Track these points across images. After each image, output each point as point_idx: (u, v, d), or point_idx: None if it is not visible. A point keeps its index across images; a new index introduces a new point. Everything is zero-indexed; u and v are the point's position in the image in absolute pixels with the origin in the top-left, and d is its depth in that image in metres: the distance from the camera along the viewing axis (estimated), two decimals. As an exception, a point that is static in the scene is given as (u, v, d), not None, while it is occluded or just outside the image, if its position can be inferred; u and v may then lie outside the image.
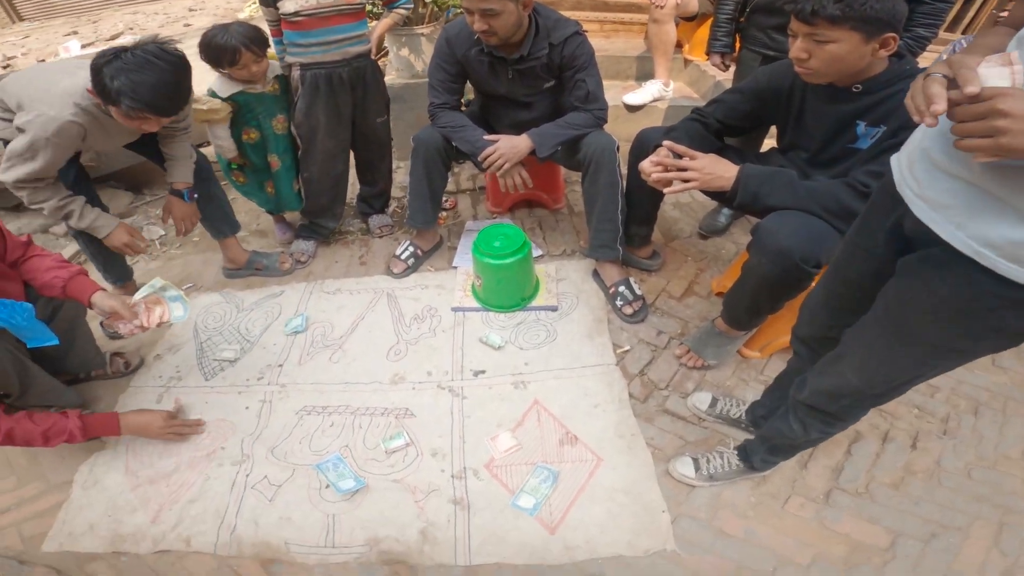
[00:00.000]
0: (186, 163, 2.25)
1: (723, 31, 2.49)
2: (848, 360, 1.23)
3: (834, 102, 1.67)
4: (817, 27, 1.45)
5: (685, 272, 2.55)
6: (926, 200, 0.92)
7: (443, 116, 2.33)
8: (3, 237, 1.71)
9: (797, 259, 1.57)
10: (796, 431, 1.45)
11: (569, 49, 2.15)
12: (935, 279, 0.97)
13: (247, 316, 2.50)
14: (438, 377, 2.16)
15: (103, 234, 2.08)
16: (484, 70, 2.25)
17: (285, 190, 2.64)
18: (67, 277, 1.74)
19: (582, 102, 2.24)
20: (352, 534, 1.72)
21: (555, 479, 1.80)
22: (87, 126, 1.82)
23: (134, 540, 1.74)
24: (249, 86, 2.30)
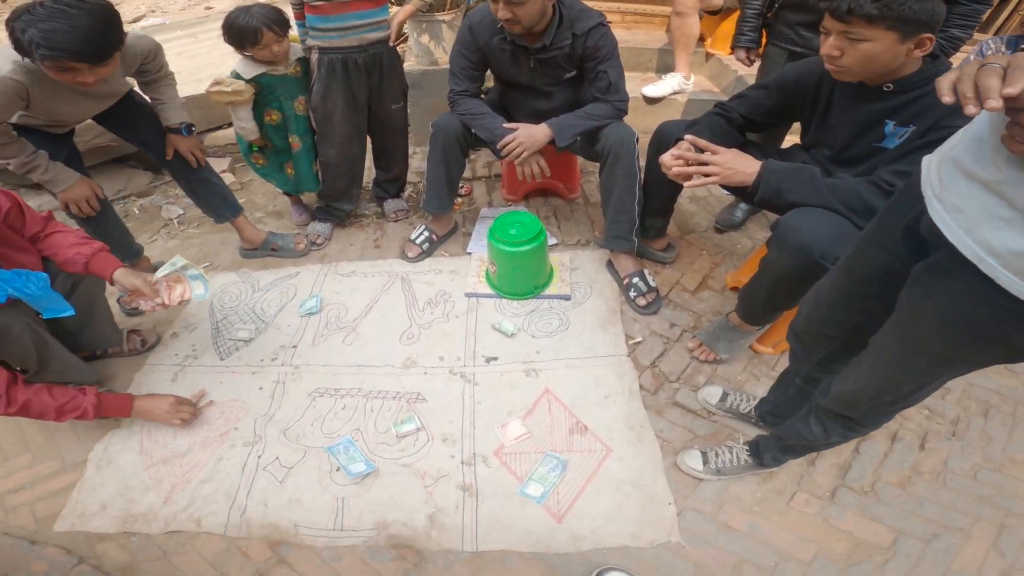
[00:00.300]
0: (175, 104, 2.21)
1: (750, 26, 2.44)
2: (864, 365, 1.22)
3: (863, 100, 1.63)
4: (852, 25, 1.42)
5: (699, 266, 2.52)
6: (943, 201, 0.91)
7: (463, 103, 2.31)
8: (22, 212, 1.71)
9: (817, 256, 1.54)
10: (816, 434, 1.44)
11: (592, 40, 2.12)
12: (938, 288, 0.96)
13: (263, 296, 2.49)
14: (450, 362, 2.15)
15: (62, 187, 2.05)
16: (505, 58, 2.22)
17: (304, 170, 2.63)
18: (90, 253, 1.73)
19: (603, 93, 2.21)
20: (361, 518, 1.72)
21: (564, 468, 1.79)
22: (28, 84, 1.75)
23: (145, 520, 1.74)
24: (271, 68, 2.29)
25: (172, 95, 2.22)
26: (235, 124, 2.41)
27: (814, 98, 1.79)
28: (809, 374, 1.54)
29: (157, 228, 2.99)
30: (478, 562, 1.62)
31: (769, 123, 1.97)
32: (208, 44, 3.86)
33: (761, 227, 2.72)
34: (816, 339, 1.42)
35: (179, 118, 2.23)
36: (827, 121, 1.78)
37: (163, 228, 3.00)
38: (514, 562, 1.61)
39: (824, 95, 1.75)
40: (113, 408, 1.83)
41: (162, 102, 2.20)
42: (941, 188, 0.91)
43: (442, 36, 3.24)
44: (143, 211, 3.11)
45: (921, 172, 1.00)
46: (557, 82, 2.30)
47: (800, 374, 1.58)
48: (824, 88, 1.74)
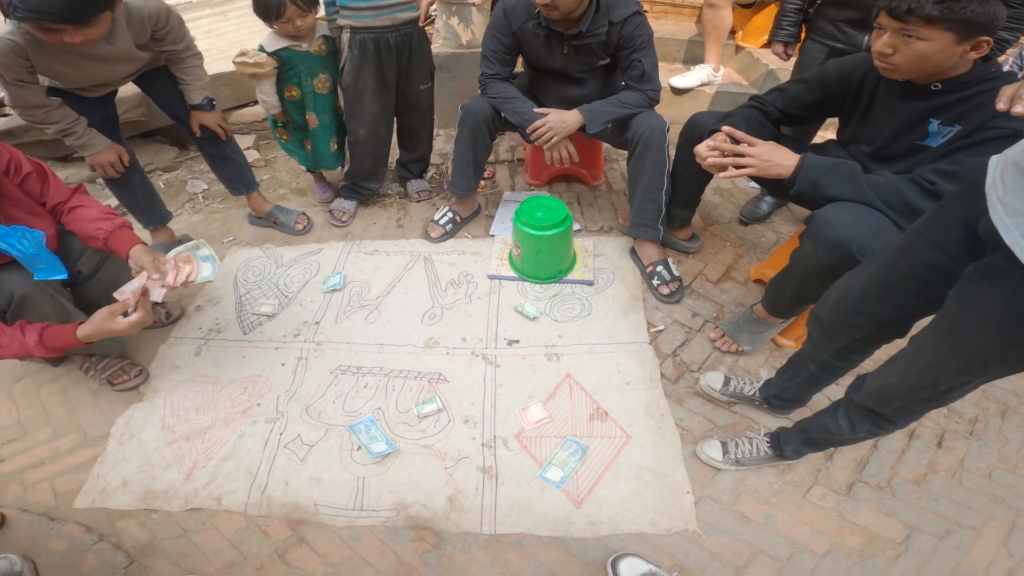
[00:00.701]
0: (198, 85, 2.22)
1: (790, 20, 2.37)
2: (902, 361, 1.20)
3: (909, 98, 1.59)
4: (910, 24, 1.38)
5: (723, 257, 2.47)
6: (1004, 204, 0.90)
7: (494, 86, 2.27)
8: (45, 179, 1.71)
9: (854, 250, 1.51)
10: (843, 429, 1.42)
11: (628, 28, 2.08)
12: (989, 289, 0.96)
13: (286, 272, 2.47)
14: (472, 344, 2.12)
15: (91, 151, 2.06)
16: (539, 43, 2.18)
17: (322, 148, 2.60)
18: (110, 229, 1.71)
19: (636, 82, 2.18)
20: (380, 498, 1.70)
21: (584, 453, 1.77)
22: (25, 45, 1.73)
23: (166, 497, 1.72)
24: (294, 43, 2.28)
25: (197, 76, 2.21)
26: (258, 97, 2.41)
27: (856, 94, 1.75)
28: (827, 361, 1.52)
29: (182, 202, 2.97)
30: (496, 545, 1.60)
31: (806, 118, 1.93)
32: (236, 22, 3.83)
33: (786, 221, 2.67)
34: (842, 328, 1.39)
35: (201, 96, 2.25)
36: (869, 118, 1.74)
37: (188, 202, 2.98)
38: (532, 546, 1.60)
39: (867, 92, 1.71)
40: (58, 339, 1.59)
41: (186, 83, 2.20)
42: (1005, 191, 0.90)
43: (471, 19, 3.19)
44: (168, 185, 3.10)
45: (988, 172, 0.98)
46: (590, 69, 2.26)
47: (817, 360, 1.56)
48: (868, 85, 1.70)
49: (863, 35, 2.13)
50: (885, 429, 1.36)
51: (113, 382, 2.00)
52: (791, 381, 1.70)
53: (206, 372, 2.07)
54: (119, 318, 1.57)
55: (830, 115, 1.92)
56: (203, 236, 2.69)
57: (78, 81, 1.94)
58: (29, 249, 1.58)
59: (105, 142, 2.09)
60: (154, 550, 1.62)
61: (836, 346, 1.45)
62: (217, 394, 1.99)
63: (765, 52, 3.28)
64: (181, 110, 2.28)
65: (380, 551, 1.60)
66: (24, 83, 1.82)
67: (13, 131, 2.87)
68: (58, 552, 1.62)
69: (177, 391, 2.01)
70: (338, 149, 2.66)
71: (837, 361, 1.49)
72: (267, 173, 3.19)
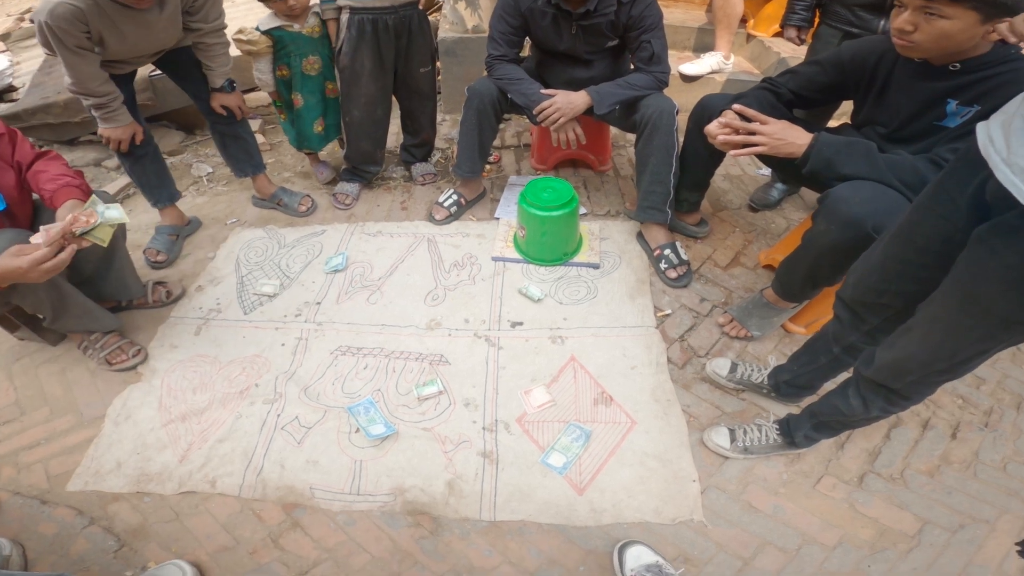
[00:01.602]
0: (221, 71, 2.22)
1: (803, 5, 2.27)
2: (915, 332, 1.14)
3: (926, 79, 1.52)
4: (933, 2, 1.30)
5: (732, 242, 2.37)
6: (1010, 165, 0.86)
7: (500, 68, 2.19)
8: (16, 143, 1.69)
9: (869, 228, 1.44)
10: (855, 407, 1.34)
11: (638, 9, 2.00)
12: (1004, 246, 0.91)
13: (288, 252, 2.39)
14: (475, 325, 2.03)
15: (115, 125, 2.04)
16: (547, 23, 2.09)
17: (306, 128, 2.54)
18: (55, 188, 1.63)
19: (645, 63, 2.11)
20: (378, 482, 1.61)
21: (587, 439, 1.68)
22: (85, 10, 1.72)
23: (160, 480, 1.65)
24: (288, 24, 2.25)
25: (221, 62, 2.20)
26: (254, 74, 2.40)
27: (871, 76, 1.67)
28: (853, 344, 1.44)
29: (187, 185, 2.90)
30: (495, 532, 1.52)
31: (819, 100, 1.85)
32: (244, 8, 3.77)
33: (797, 208, 2.57)
34: (870, 308, 1.32)
35: (223, 79, 2.24)
36: (884, 99, 1.67)
37: (192, 185, 2.91)
38: (532, 533, 1.52)
39: (883, 73, 1.64)
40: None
41: (210, 68, 2.19)
42: (1009, 153, 0.86)
43: (478, 3, 3.09)
44: (174, 169, 2.99)
45: (978, 139, 0.94)
46: (598, 50, 2.17)
47: (842, 344, 1.47)
48: (883, 66, 1.63)
49: (879, 19, 2.05)
50: (899, 405, 1.29)
51: (111, 362, 1.93)
52: (807, 367, 1.61)
53: (205, 352, 1.99)
54: (23, 256, 1.43)
55: (844, 97, 1.84)
56: (207, 217, 2.64)
57: (118, 52, 1.92)
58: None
59: (128, 119, 2.07)
60: (145, 534, 1.54)
61: (867, 327, 1.37)
62: (215, 374, 1.91)
63: (777, 40, 3.19)
64: (202, 89, 2.25)
65: (376, 536, 1.51)
66: (83, 50, 1.79)
67: (19, 115, 2.83)
68: (48, 536, 1.55)
69: (175, 371, 1.93)
70: (325, 131, 2.60)
71: (865, 343, 1.42)
72: (272, 157, 3.12)
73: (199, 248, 2.46)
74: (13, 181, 1.64)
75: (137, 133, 2.13)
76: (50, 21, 1.70)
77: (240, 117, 2.37)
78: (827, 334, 1.52)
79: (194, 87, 2.26)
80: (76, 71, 1.83)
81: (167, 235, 2.40)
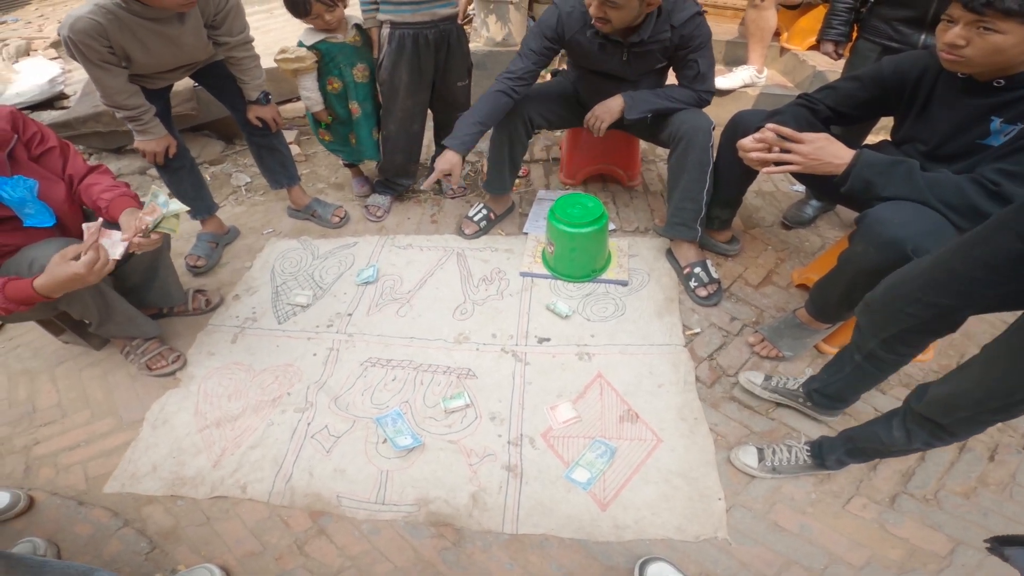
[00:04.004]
0: (255, 85, 2.27)
1: (841, 20, 2.26)
2: (975, 367, 1.13)
3: (969, 95, 1.51)
4: (987, 17, 1.30)
5: (764, 261, 2.35)
6: None
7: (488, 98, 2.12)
8: (68, 156, 1.75)
9: (909, 250, 1.41)
10: (898, 439, 1.33)
11: (688, 29, 1.99)
12: None
13: (321, 264, 2.47)
14: (502, 340, 2.06)
15: (149, 138, 2.10)
16: (594, 49, 2.08)
17: (364, 137, 2.59)
18: (110, 199, 1.69)
19: (690, 81, 2.12)
20: (403, 492, 1.65)
21: (612, 455, 1.70)
22: (106, 25, 1.76)
23: (194, 484, 1.71)
24: (330, 36, 2.30)
25: (254, 75, 2.26)
26: (301, 94, 2.44)
27: (913, 92, 1.66)
28: (872, 351, 1.43)
29: (226, 195, 3.01)
30: (517, 545, 1.54)
31: (857, 116, 1.83)
32: (283, 19, 3.89)
33: (832, 226, 2.53)
34: (893, 316, 1.31)
35: (258, 91, 2.29)
36: (926, 116, 1.65)
37: (232, 195, 3.02)
38: (553, 547, 1.54)
39: (925, 89, 1.63)
40: (19, 291, 1.49)
41: (244, 82, 2.25)
42: None
43: (509, 17, 3.16)
44: (214, 178, 3.14)
45: None
46: (648, 72, 2.17)
47: (862, 351, 1.47)
48: (925, 82, 1.62)
49: (919, 34, 2.02)
50: (943, 441, 1.27)
51: (151, 367, 2.02)
52: (836, 375, 1.61)
53: (240, 360, 2.07)
54: (71, 261, 1.46)
55: (884, 114, 1.83)
56: (244, 227, 2.73)
57: (146, 67, 1.97)
58: (18, 193, 1.58)
59: (162, 132, 2.13)
60: (176, 537, 1.61)
61: (884, 335, 1.36)
62: (249, 382, 1.99)
63: (812, 54, 3.17)
64: (238, 101, 2.32)
65: (399, 546, 1.55)
66: (108, 65, 1.85)
67: (70, 122, 2.97)
68: (83, 536, 1.62)
69: (211, 378, 2.01)
70: (379, 139, 2.64)
71: (883, 351, 1.41)
72: (307, 168, 3.21)
73: (237, 257, 2.56)
74: (63, 194, 1.72)
75: (171, 146, 2.19)
76: (72, 36, 1.74)
77: (275, 129, 2.43)
78: (852, 342, 1.52)
79: (230, 100, 2.33)
80: (103, 85, 1.89)
81: (207, 242, 2.50)
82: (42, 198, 1.64)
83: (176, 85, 2.28)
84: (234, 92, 2.29)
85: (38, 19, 5.31)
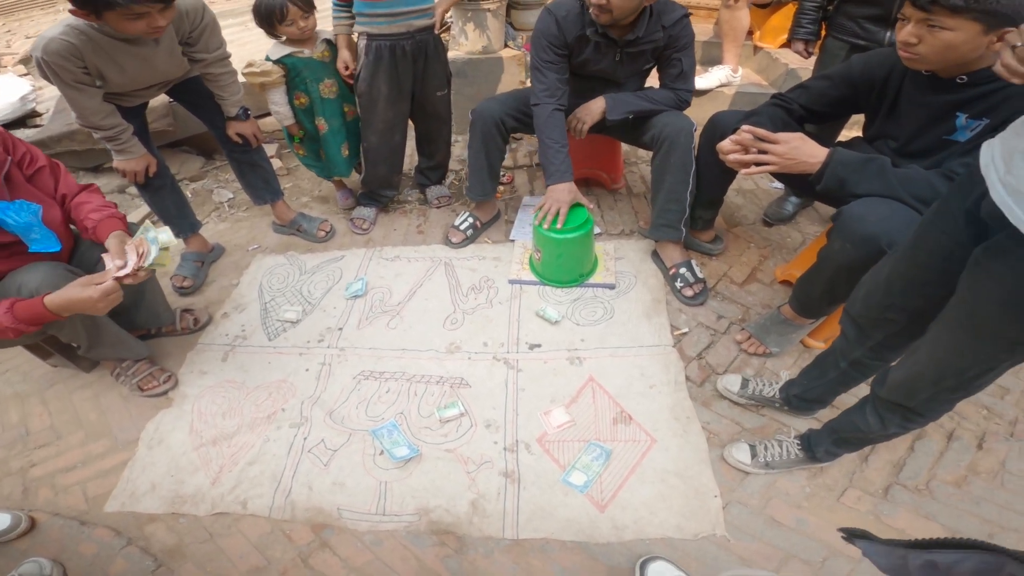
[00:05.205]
0: (233, 100, 2.27)
1: (809, 18, 2.33)
2: (923, 351, 1.17)
3: (935, 92, 1.55)
4: (934, 14, 1.35)
5: (748, 258, 2.42)
6: (1006, 185, 0.89)
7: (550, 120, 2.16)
8: (59, 175, 1.77)
9: (884, 245, 1.47)
10: (873, 426, 1.38)
11: (676, 29, 2.07)
12: (1000, 268, 0.94)
13: (309, 279, 2.49)
14: (494, 348, 2.10)
15: (128, 157, 2.10)
16: (589, 49, 2.13)
17: (333, 154, 2.60)
18: (98, 219, 1.71)
19: (672, 81, 2.18)
20: (403, 502, 1.68)
21: (607, 457, 1.74)
22: (80, 46, 1.76)
23: (194, 502, 1.73)
24: (296, 51, 2.32)
25: (232, 91, 2.25)
26: (271, 108, 2.46)
27: (882, 89, 1.71)
28: (859, 359, 1.48)
29: (208, 211, 3.02)
30: (518, 549, 1.58)
31: (830, 114, 1.89)
32: (258, 32, 3.84)
33: (812, 221, 2.61)
34: (876, 323, 1.36)
35: (237, 107, 2.29)
36: (895, 113, 1.70)
37: (214, 211, 3.03)
38: (555, 550, 1.57)
39: (893, 86, 1.68)
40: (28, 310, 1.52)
41: (222, 98, 2.25)
42: (1005, 172, 0.89)
43: (487, 25, 3.20)
44: (195, 195, 3.14)
45: (981, 156, 0.97)
46: (635, 73, 2.24)
47: (848, 358, 1.51)
48: (893, 79, 1.67)
49: (885, 31, 2.09)
50: (916, 422, 1.32)
51: (143, 388, 2.03)
52: (817, 380, 1.66)
53: (232, 378, 2.09)
54: (92, 286, 1.52)
55: (856, 111, 1.88)
56: (229, 244, 2.74)
57: (120, 85, 1.97)
58: (23, 219, 1.59)
59: (141, 151, 2.13)
60: (181, 554, 1.63)
61: (871, 342, 1.41)
62: (243, 399, 2.00)
63: (784, 52, 3.25)
64: (217, 118, 2.32)
65: (402, 556, 1.58)
66: (83, 85, 1.85)
67: (44, 141, 2.93)
68: (88, 556, 1.63)
69: (205, 396, 2.03)
70: (350, 155, 2.67)
71: (870, 359, 1.46)
72: (290, 182, 3.23)
73: (223, 275, 2.57)
74: (60, 217, 1.73)
75: (151, 165, 2.19)
76: (46, 57, 1.74)
77: (256, 145, 2.43)
78: (835, 349, 1.56)
79: (208, 116, 2.33)
80: (78, 106, 1.89)
81: (193, 261, 2.51)
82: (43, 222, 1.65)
83: (152, 101, 2.28)
84: (211, 108, 2.29)
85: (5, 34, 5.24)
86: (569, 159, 2.19)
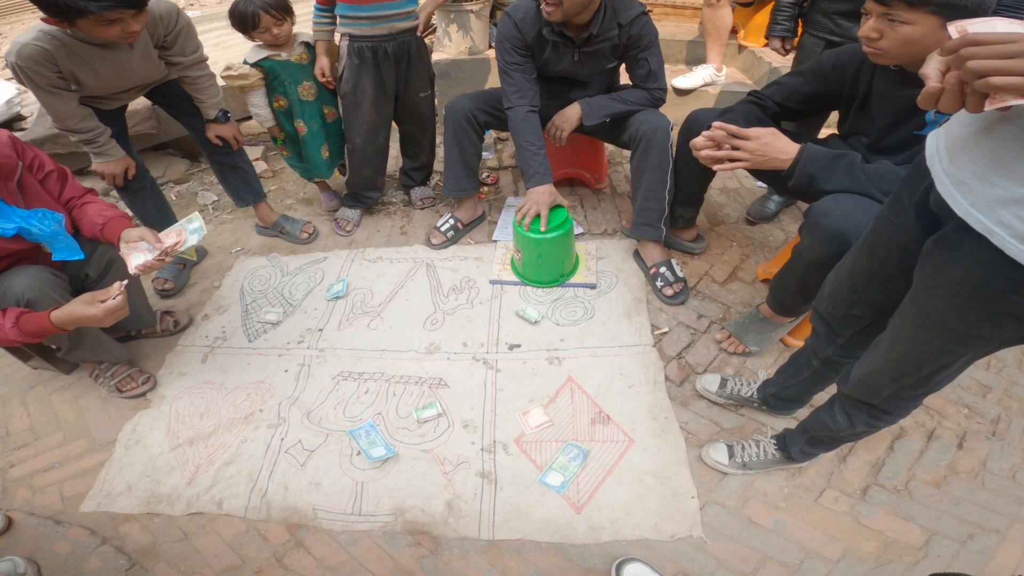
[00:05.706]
0: (212, 102, 2.27)
1: (785, 15, 2.36)
2: (881, 347, 1.17)
3: (904, 87, 1.56)
4: (893, 8, 1.36)
5: (729, 257, 2.43)
6: (949, 175, 0.89)
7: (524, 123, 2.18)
8: (66, 179, 1.81)
9: (852, 240, 1.46)
10: (841, 424, 1.38)
11: (635, 29, 2.08)
12: (949, 261, 0.93)
13: (291, 280, 2.49)
14: (473, 349, 2.11)
15: (107, 160, 2.11)
16: (548, 50, 2.15)
17: (313, 156, 2.60)
18: (108, 217, 1.74)
19: (643, 81, 2.19)
20: (379, 502, 1.69)
21: (585, 458, 1.74)
22: (53, 50, 1.76)
23: (169, 501, 1.74)
24: (275, 53, 2.32)
25: (210, 94, 2.25)
26: (251, 110, 2.47)
27: (853, 85, 1.72)
28: (830, 356, 1.48)
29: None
30: (494, 550, 1.58)
31: (805, 110, 1.89)
32: (238, 49, 3.90)
33: (795, 219, 2.62)
34: (843, 320, 1.36)
35: (216, 110, 2.29)
36: (866, 109, 1.71)
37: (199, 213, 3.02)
38: (531, 551, 1.57)
39: (864, 82, 1.68)
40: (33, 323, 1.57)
41: (201, 101, 2.25)
42: (948, 162, 0.90)
43: (470, 26, 3.21)
44: (180, 197, 3.15)
45: (927, 147, 0.98)
46: (598, 72, 2.24)
47: (820, 356, 1.52)
48: (864, 75, 1.67)
49: (857, 27, 2.09)
50: (883, 420, 1.31)
51: (121, 389, 2.03)
52: (792, 380, 1.66)
53: (211, 379, 2.09)
54: (97, 304, 1.56)
55: (829, 107, 1.89)
56: (212, 246, 2.74)
57: (96, 89, 1.97)
58: (50, 228, 1.62)
59: (120, 153, 2.13)
60: (155, 553, 1.63)
61: (841, 339, 1.41)
62: (221, 400, 2.01)
63: (768, 50, 3.25)
64: (196, 120, 2.32)
65: (377, 556, 1.58)
66: (58, 89, 1.86)
67: (31, 143, 2.94)
68: (62, 555, 1.63)
69: (183, 398, 2.03)
70: (330, 157, 2.67)
71: (842, 356, 1.46)
72: (274, 184, 3.23)
73: (205, 277, 2.57)
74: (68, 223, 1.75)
75: (130, 168, 2.20)
76: (20, 62, 1.74)
77: (236, 147, 2.44)
78: (808, 348, 1.57)
79: (188, 119, 2.33)
80: (54, 109, 1.89)
81: (174, 264, 2.51)
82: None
83: (134, 104, 2.28)
84: (190, 111, 2.30)
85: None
86: (547, 161, 2.20)
